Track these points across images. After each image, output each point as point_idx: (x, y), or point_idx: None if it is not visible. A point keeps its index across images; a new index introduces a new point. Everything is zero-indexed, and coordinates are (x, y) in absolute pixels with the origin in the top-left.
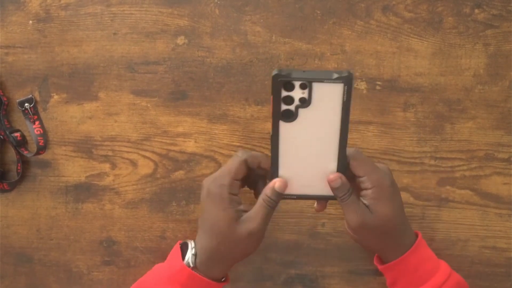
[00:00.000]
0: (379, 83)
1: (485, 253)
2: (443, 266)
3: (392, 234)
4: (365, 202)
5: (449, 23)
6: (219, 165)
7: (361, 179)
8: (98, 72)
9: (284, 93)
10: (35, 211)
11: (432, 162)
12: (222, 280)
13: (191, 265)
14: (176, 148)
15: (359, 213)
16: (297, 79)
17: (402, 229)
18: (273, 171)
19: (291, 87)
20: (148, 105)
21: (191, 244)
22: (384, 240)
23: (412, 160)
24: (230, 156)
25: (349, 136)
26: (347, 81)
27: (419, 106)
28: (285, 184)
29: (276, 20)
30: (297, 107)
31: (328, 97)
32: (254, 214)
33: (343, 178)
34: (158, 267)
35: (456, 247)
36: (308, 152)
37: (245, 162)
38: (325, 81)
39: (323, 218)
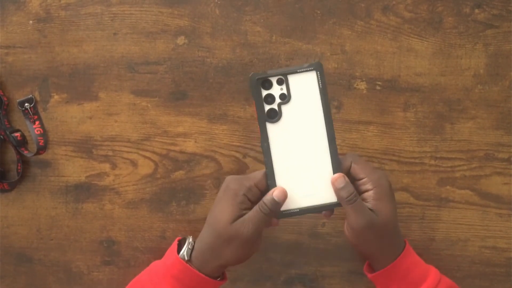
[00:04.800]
0: (379, 83)
1: (485, 253)
2: (433, 272)
3: (390, 236)
4: (367, 204)
5: (449, 23)
6: (219, 165)
7: (362, 181)
8: (98, 72)
9: (264, 92)
10: (35, 211)
11: (432, 162)
12: (218, 278)
13: (186, 258)
14: (176, 148)
15: (366, 214)
16: (273, 75)
17: (397, 230)
18: (270, 183)
19: (269, 85)
20: (148, 105)
21: (189, 239)
22: (382, 242)
23: (412, 160)
24: (230, 156)
25: (349, 136)
26: (318, 67)
27: (419, 106)
28: (284, 193)
29: (276, 20)
30: (279, 105)
31: (305, 87)
32: (248, 218)
33: (346, 178)
34: (154, 263)
35: (456, 247)
36: (301, 154)
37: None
38: (298, 71)
39: (323, 218)
